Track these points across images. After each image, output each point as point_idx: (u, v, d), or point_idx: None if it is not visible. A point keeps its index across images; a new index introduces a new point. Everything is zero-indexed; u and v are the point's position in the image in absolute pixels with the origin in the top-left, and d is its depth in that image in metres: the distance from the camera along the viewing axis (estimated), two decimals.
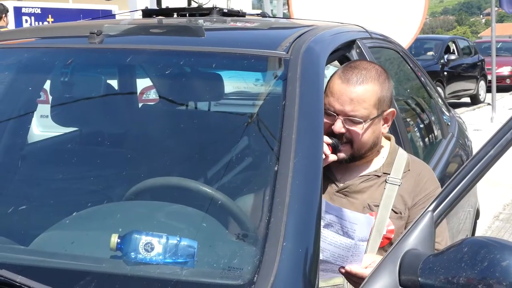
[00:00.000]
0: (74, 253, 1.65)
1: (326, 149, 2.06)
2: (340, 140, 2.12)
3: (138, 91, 3.13)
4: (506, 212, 7.18)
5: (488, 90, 15.98)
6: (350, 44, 2.62)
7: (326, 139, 2.07)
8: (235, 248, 1.63)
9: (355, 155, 2.17)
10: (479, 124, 13.57)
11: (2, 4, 8.10)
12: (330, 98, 2.13)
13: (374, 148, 2.21)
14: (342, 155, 2.14)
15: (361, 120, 2.11)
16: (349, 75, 2.13)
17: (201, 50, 2.24)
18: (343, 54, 2.54)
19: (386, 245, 2.11)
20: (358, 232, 1.87)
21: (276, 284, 1.40)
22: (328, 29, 2.49)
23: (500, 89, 18.09)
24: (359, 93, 2.11)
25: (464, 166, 1.49)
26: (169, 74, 2.35)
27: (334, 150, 2.10)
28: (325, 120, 2.12)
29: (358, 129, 2.12)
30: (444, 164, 3.30)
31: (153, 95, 4.35)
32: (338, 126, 2.11)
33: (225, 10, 2.94)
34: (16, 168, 2.42)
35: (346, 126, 2.11)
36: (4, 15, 7.97)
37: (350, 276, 1.93)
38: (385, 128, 2.23)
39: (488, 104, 16.12)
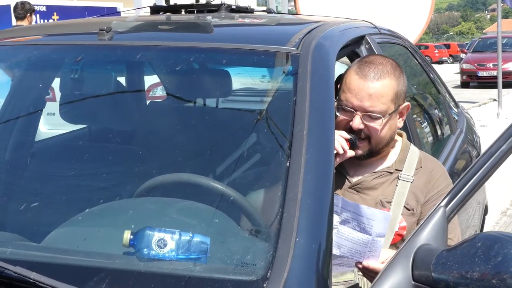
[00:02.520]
0: (87, 250, 1.66)
1: (345, 144, 2.05)
2: (358, 136, 2.12)
3: (146, 88, 3.13)
4: None
5: (494, 86, 15.93)
6: (360, 40, 2.62)
7: (345, 134, 2.07)
8: (248, 244, 1.63)
9: (373, 150, 2.16)
10: (485, 120, 13.54)
11: (29, 3, 7.83)
12: (348, 94, 2.12)
13: (390, 143, 2.21)
14: (359, 151, 2.14)
15: (380, 115, 2.10)
16: (366, 70, 2.13)
17: (211, 47, 2.24)
18: (352, 49, 2.53)
19: (398, 241, 2.11)
20: (376, 228, 1.87)
21: (289, 280, 1.40)
22: (337, 25, 2.48)
23: (506, 85, 18.05)
24: (377, 88, 2.10)
25: (476, 161, 1.49)
26: (178, 71, 2.35)
27: (352, 146, 2.09)
28: (342, 116, 2.12)
29: (376, 124, 2.11)
30: (453, 160, 3.29)
31: (159, 92, 4.36)
32: (357, 122, 2.10)
33: (233, 7, 2.94)
34: (27, 165, 2.43)
35: (365, 122, 2.11)
36: (29, 14, 7.79)
37: (367, 271, 1.93)
38: (400, 122, 2.23)
39: (494, 100, 16.08)
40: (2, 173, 2.37)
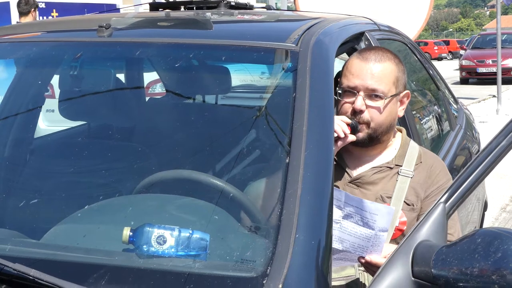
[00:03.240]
0: (86, 247, 1.65)
1: (346, 128, 2.06)
2: (358, 121, 2.13)
3: (145, 85, 3.13)
4: None
5: (494, 82, 15.93)
6: (359, 36, 2.62)
7: (346, 119, 2.10)
8: (248, 240, 1.63)
9: (373, 136, 2.16)
10: (484, 116, 13.55)
11: None
12: (349, 77, 2.15)
13: (390, 131, 2.21)
14: (360, 135, 2.14)
15: (381, 94, 2.12)
16: (367, 54, 2.18)
17: (210, 43, 2.24)
18: (352, 46, 2.53)
19: (398, 237, 2.11)
20: (379, 222, 1.88)
21: (289, 276, 1.40)
22: (337, 21, 2.48)
23: (505, 81, 18.05)
24: (379, 69, 2.15)
25: (476, 157, 1.49)
26: (177, 67, 2.35)
27: (353, 130, 2.10)
28: (344, 100, 2.13)
29: (378, 104, 2.13)
30: (453, 156, 3.29)
31: (158, 89, 4.35)
32: (360, 102, 2.12)
33: (233, 3, 2.93)
34: (27, 162, 2.43)
35: (366, 103, 2.12)
36: (33, 9, 7.74)
37: (370, 266, 1.93)
38: (401, 112, 2.25)
39: (494, 96, 16.09)
40: (1, 170, 2.37)
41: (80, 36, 2.50)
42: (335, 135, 1.97)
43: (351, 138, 2.10)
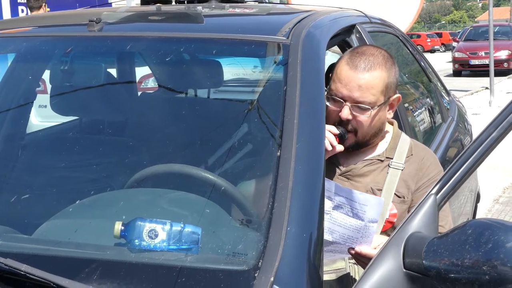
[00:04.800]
0: (78, 241, 1.65)
1: (333, 140, 2.05)
2: (345, 128, 2.12)
3: (137, 80, 3.12)
4: (506, 195, 7.19)
5: (486, 74, 15.95)
6: (350, 29, 2.61)
7: (334, 129, 2.08)
8: (239, 234, 1.63)
9: (360, 142, 2.17)
10: (477, 108, 13.58)
11: None
12: (338, 84, 2.12)
13: (378, 134, 2.21)
14: (348, 142, 2.14)
15: (368, 107, 2.10)
16: (357, 61, 2.12)
17: (201, 37, 2.24)
18: (343, 39, 2.53)
19: (389, 229, 2.11)
20: (368, 213, 1.88)
21: (281, 269, 1.40)
22: (328, 14, 2.48)
23: (498, 73, 18.10)
24: (367, 79, 2.10)
25: (466, 149, 1.48)
26: (169, 61, 2.34)
27: (341, 140, 2.10)
28: (331, 107, 2.12)
29: (365, 116, 2.11)
30: (445, 148, 3.30)
31: (151, 83, 4.34)
32: (346, 113, 2.10)
33: None
34: (18, 157, 2.42)
35: (353, 113, 2.11)
36: (44, 4, 7.71)
37: (360, 257, 1.93)
38: (390, 114, 2.23)
39: (486, 88, 16.12)
40: None
41: (70, 30, 2.50)
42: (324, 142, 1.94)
43: (339, 148, 2.09)
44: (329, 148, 2.04)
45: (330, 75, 2.19)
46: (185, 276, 1.42)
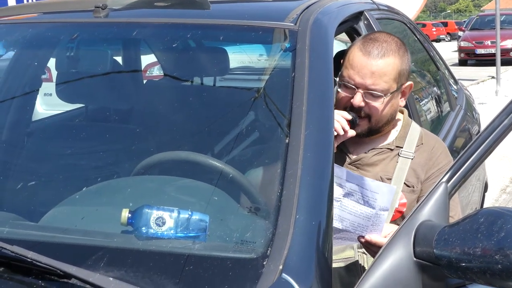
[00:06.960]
0: (85, 229, 1.64)
1: (345, 125, 2.03)
2: (358, 114, 2.10)
3: (142, 68, 3.11)
4: None
5: (493, 63, 15.88)
6: (358, 16, 2.59)
7: (346, 114, 2.05)
8: (247, 221, 1.61)
9: (373, 129, 2.15)
10: (484, 97, 13.53)
11: None
12: (350, 71, 2.10)
13: (391, 122, 2.19)
14: (360, 128, 2.12)
15: (381, 94, 2.08)
16: (370, 47, 2.10)
17: (208, 23, 2.22)
18: (351, 25, 2.51)
19: (398, 218, 2.09)
20: (380, 201, 1.85)
21: (289, 257, 1.39)
22: (336, 0, 2.45)
23: (504, 62, 18.00)
24: (380, 66, 2.08)
25: (478, 137, 1.47)
26: (175, 48, 2.33)
27: (353, 125, 2.08)
28: (344, 93, 2.10)
29: (378, 103, 2.09)
30: (453, 137, 3.28)
31: (156, 71, 4.33)
32: (358, 100, 2.09)
33: None
34: (25, 144, 2.41)
35: (366, 100, 2.09)
36: None
37: (369, 246, 1.91)
38: (402, 101, 2.21)
39: (493, 77, 16.05)
40: None
41: (76, 17, 2.48)
42: (335, 133, 1.92)
43: (351, 133, 2.06)
44: (341, 132, 2.02)
45: (342, 61, 2.17)
46: (193, 264, 1.41)
